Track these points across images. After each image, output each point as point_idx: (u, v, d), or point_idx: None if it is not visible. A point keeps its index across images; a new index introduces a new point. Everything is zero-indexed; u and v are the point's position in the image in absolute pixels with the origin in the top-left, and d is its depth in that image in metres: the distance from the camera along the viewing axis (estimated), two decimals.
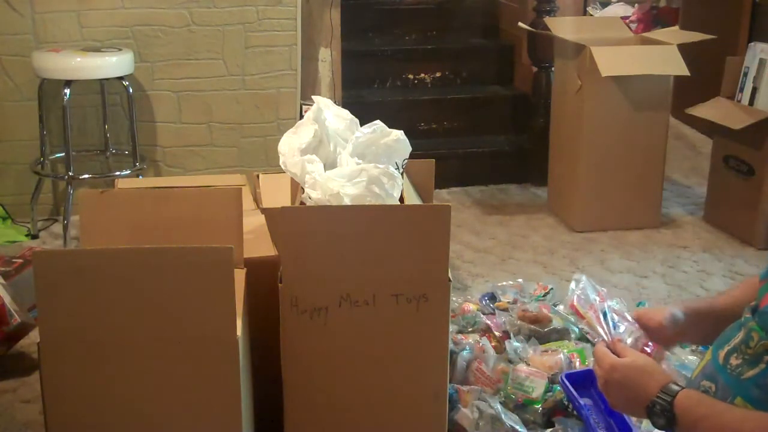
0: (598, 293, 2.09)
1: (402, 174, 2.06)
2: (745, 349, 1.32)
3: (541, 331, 2.52)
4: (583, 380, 2.23)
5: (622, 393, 1.43)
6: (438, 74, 4.69)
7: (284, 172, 2.03)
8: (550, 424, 2.18)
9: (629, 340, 1.74)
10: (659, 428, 1.34)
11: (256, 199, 2.40)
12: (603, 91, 3.55)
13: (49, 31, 3.59)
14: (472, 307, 2.73)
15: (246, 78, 3.79)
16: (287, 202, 2.16)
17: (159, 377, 1.61)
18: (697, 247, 3.56)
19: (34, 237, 3.59)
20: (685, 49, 3.56)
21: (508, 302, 2.74)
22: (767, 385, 1.26)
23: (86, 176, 3.53)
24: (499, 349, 2.47)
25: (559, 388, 2.22)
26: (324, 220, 1.82)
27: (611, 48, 3.58)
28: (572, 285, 2.28)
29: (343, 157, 2.01)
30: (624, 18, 5.54)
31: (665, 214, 3.86)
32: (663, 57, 3.55)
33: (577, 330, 2.58)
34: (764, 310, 1.32)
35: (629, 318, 2.07)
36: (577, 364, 2.36)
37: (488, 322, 2.60)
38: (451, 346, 2.25)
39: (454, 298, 2.72)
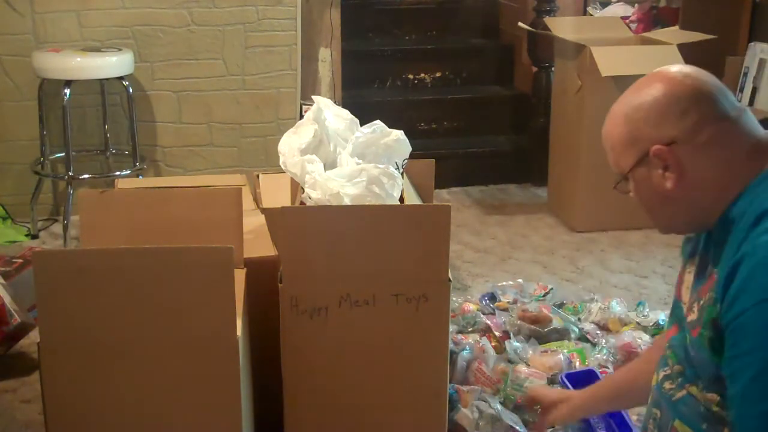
0: None
1: (402, 174, 2.06)
2: (672, 376, 1.42)
3: (541, 331, 2.52)
4: (583, 380, 2.23)
5: None
6: (438, 74, 4.69)
7: (284, 172, 2.03)
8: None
9: None
10: None
11: (256, 199, 2.40)
12: (603, 91, 3.54)
13: (49, 31, 3.58)
14: (472, 307, 2.73)
15: (246, 78, 3.79)
16: (287, 202, 2.16)
17: (159, 377, 1.61)
18: None
19: (34, 237, 3.58)
20: (685, 49, 3.56)
21: (508, 302, 2.74)
22: (693, 403, 1.35)
23: (86, 176, 3.53)
24: (499, 349, 2.48)
25: (559, 388, 2.22)
26: (324, 220, 1.82)
27: (611, 48, 3.58)
28: None
29: (343, 157, 2.02)
30: (624, 18, 5.53)
31: None
32: (663, 57, 3.54)
33: (576, 330, 2.58)
34: (671, 342, 1.44)
35: None
36: (577, 364, 2.36)
37: (488, 322, 2.60)
38: (451, 346, 2.25)
39: (454, 298, 2.72)
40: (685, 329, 1.37)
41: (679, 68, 1.36)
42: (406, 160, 2.10)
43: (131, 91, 3.51)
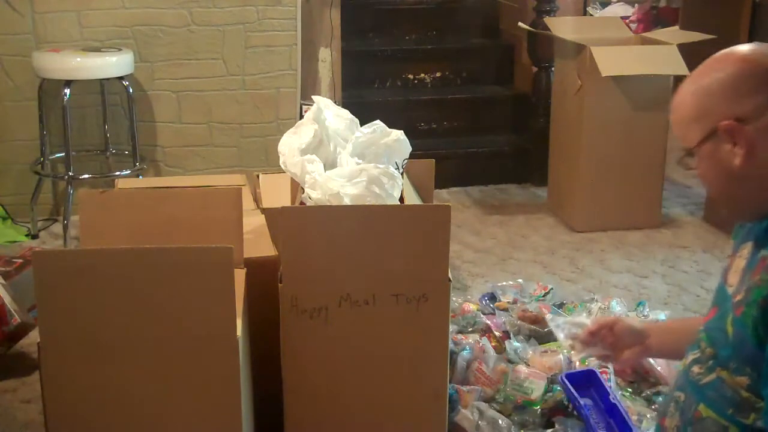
0: None
1: (402, 174, 2.06)
2: (702, 359, 1.41)
3: (541, 331, 2.52)
4: (583, 380, 2.23)
5: None
6: (438, 74, 4.69)
7: (284, 172, 2.03)
8: (550, 425, 2.18)
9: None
10: None
11: (256, 199, 2.40)
12: (603, 91, 3.55)
13: (49, 31, 3.59)
14: (472, 307, 2.73)
15: (246, 78, 3.79)
16: (287, 202, 2.16)
17: (159, 377, 1.61)
18: (697, 247, 3.56)
19: (34, 237, 3.59)
20: (685, 49, 3.56)
21: (508, 302, 2.74)
22: (721, 388, 1.35)
23: (86, 176, 3.53)
24: (499, 349, 2.47)
25: (558, 388, 2.22)
26: (324, 220, 1.82)
27: (611, 48, 3.58)
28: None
29: (343, 157, 2.02)
30: (624, 18, 5.54)
31: (665, 214, 3.86)
32: (663, 57, 3.55)
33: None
34: (706, 325, 1.43)
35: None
36: (577, 364, 2.36)
37: (488, 322, 2.60)
38: (451, 346, 2.25)
39: (454, 298, 2.72)
40: (728, 309, 1.36)
41: (753, 47, 1.36)
42: (406, 160, 2.10)
43: (131, 91, 3.51)
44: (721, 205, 1.42)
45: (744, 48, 1.36)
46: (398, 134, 2.07)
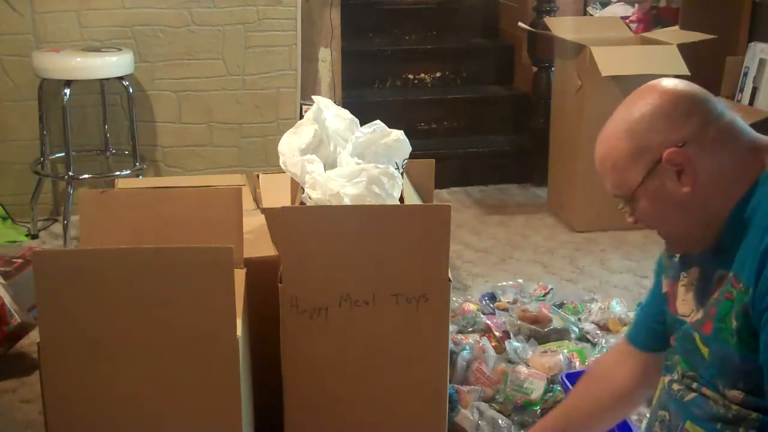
0: None
1: (402, 174, 2.06)
2: (680, 380, 1.41)
3: (541, 331, 2.52)
4: None
5: None
6: (438, 74, 4.69)
7: (284, 172, 2.03)
8: None
9: None
10: None
11: (256, 199, 2.40)
12: (603, 91, 3.55)
13: (49, 31, 3.58)
14: (472, 307, 2.73)
15: (246, 78, 3.79)
16: (287, 202, 2.16)
17: (159, 377, 1.61)
18: None
19: (34, 237, 3.58)
20: (685, 49, 3.56)
21: (508, 302, 2.74)
22: (705, 404, 1.35)
23: (86, 176, 3.53)
24: (499, 349, 2.48)
25: (558, 388, 2.22)
26: (324, 220, 1.82)
27: (611, 48, 3.58)
28: None
29: (343, 157, 2.02)
30: (624, 18, 5.53)
31: None
32: (663, 57, 3.54)
33: (576, 330, 2.58)
34: (677, 351, 1.43)
35: None
36: (577, 364, 2.36)
37: (488, 322, 2.60)
38: (451, 346, 2.25)
39: (454, 298, 2.72)
40: (689, 333, 1.36)
41: (665, 80, 1.37)
42: (406, 160, 2.10)
43: (131, 91, 3.51)
44: (676, 240, 1.38)
45: (659, 82, 1.37)
46: (398, 134, 2.07)
